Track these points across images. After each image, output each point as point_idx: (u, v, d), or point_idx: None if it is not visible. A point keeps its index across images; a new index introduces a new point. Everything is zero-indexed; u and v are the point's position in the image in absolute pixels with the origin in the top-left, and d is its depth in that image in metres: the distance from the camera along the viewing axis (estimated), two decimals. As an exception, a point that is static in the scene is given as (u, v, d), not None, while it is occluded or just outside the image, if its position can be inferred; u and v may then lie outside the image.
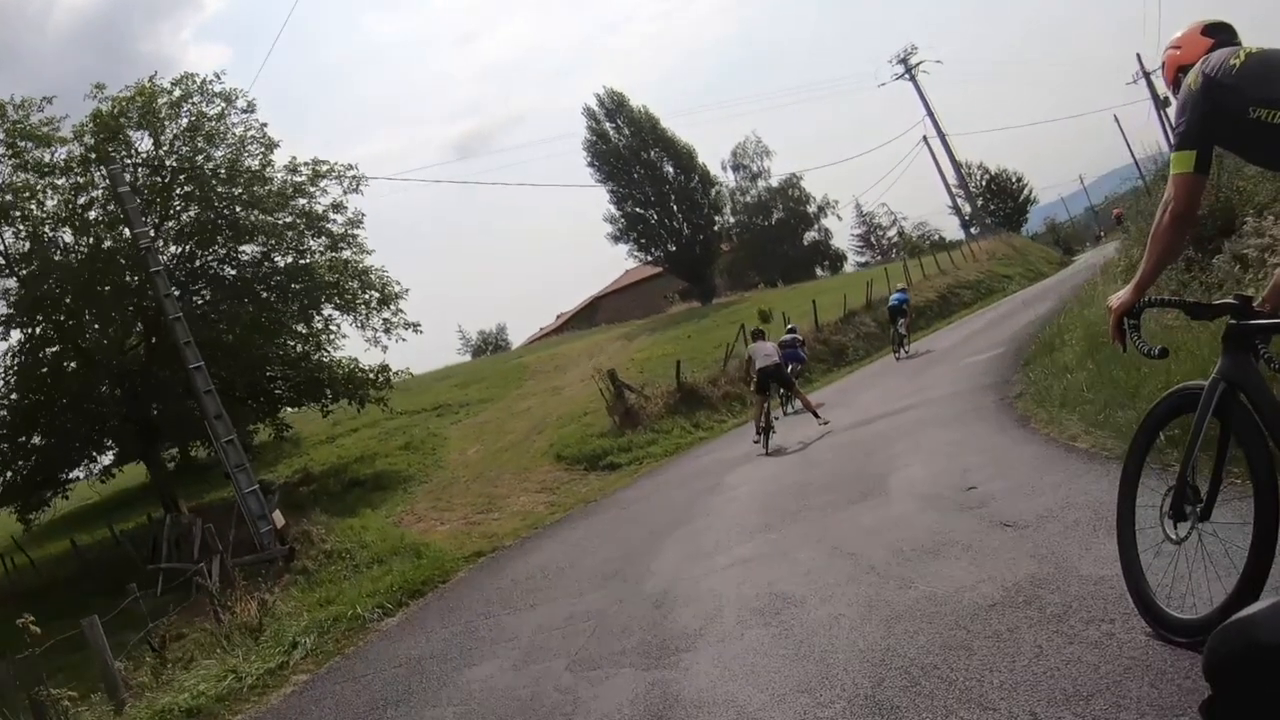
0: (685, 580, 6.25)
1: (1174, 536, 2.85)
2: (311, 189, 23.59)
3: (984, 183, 56.47)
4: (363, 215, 23.88)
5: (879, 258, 61.22)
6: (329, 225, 23.40)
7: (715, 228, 48.84)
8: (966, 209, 52.53)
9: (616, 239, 48.09)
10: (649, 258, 49.35)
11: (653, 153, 47.34)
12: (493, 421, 26.17)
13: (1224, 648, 1.51)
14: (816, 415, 13.54)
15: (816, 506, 7.46)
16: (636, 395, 19.79)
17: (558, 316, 69.29)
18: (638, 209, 47.45)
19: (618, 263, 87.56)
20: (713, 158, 58.34)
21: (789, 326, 21.91)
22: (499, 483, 18.13)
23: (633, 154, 47.19)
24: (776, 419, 14.10)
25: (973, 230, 47.24)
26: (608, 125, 47.71)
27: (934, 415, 10.78)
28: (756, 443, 13.11)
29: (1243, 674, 1.47)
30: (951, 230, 63.94)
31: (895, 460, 8.37)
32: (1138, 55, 46.44)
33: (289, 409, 26.11)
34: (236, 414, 21.73)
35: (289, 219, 23.61)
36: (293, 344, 23.70)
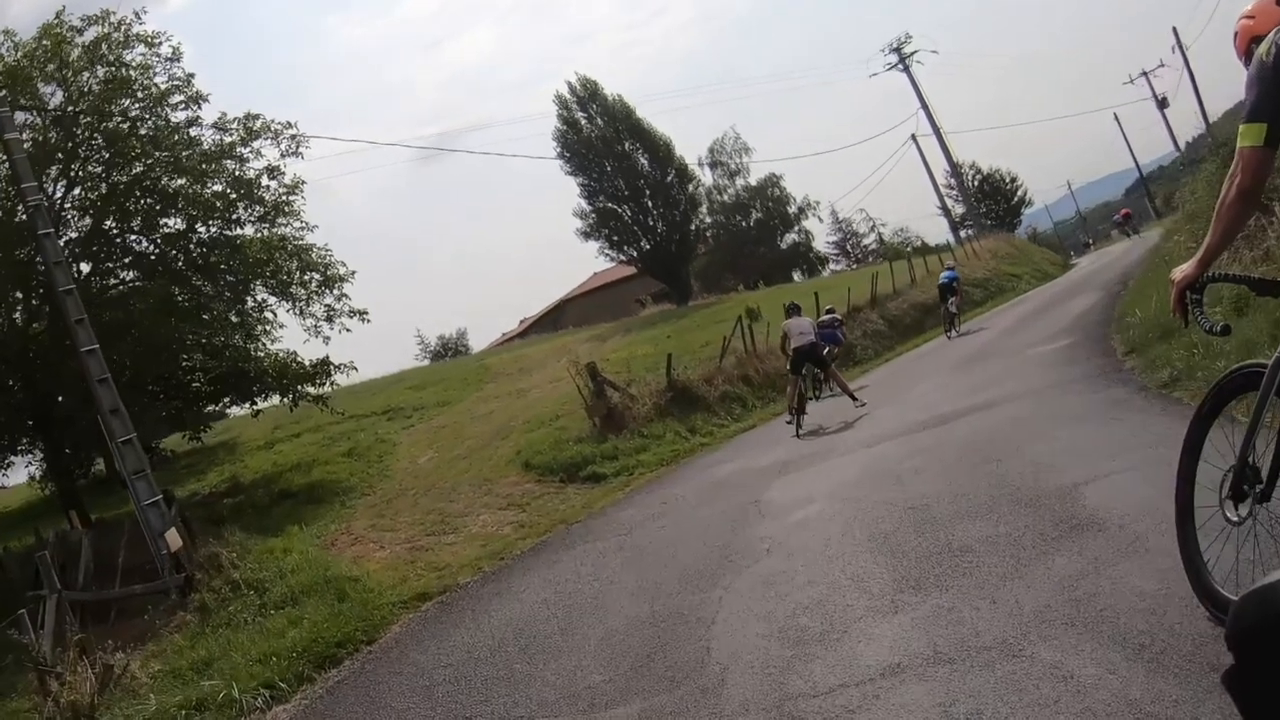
0: (805, 699, 3.21)
1: (1233, 517, 2.81)
2: (243, 150, 20.22)
3: (976, 182, 54.13)
4: (302, 182, 20.52)
5: (854, 266, 58.73)
6: (262, 192, 20.02)
7: (693, 226, 45.89)
8: (957, 210, 50.25)
9: (587, 235, 44.89)
10: (621, 256, 46.25)
11: (627, 144, 44.23)
12: (450, 426, 22.97)
13: (1248, 617, 1.40)
14: (854, 397, 13.03)
15: (970, 547, 4.54)
16: (621, 394, 16.73)
17: (521, 321, 66.15)
18: (610, 204, 44.31)
19: (585, 266, 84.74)
20: (688, 157, 55.82)
21: (827, 307, 20.43)
22: (455, 496, 14.95)
23: (605, 145, 44.07)
24: (811, 401, 13.72)
25: (964, 233, 44.79)
26: (579, 114, 44.58)
27: (1032, 413, 8.05)
28: (789, 423, 12.65)
29: (1267, 643, 1.36)
30: (935, 234, 61.59)
31: (1039, 469, 5.53)
32: (1174, 29, 43.82)
33: (211, 406, 22.67)
34: (145, 410, 18.39)
35: (219, 188, 20.26)
36: (218, 332, 20.29)
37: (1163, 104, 48.35)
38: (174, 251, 20.19)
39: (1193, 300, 2.74)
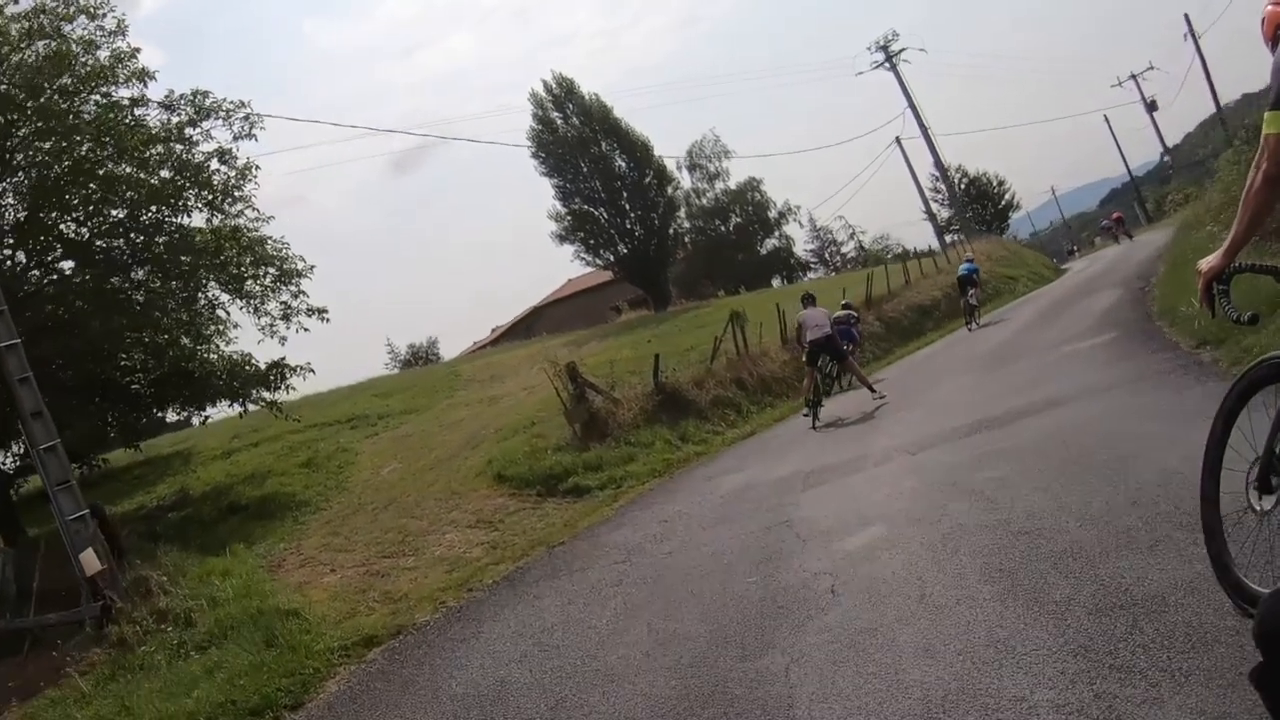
0: None
1: (1259, 508, 2.76)
2: (192, 132, 18.45)
3: (963, 186, 52.91)
4: (257, 167, 18.74)
5: (833, 274, 57.43)
6: (211, 176, 18.25)
7: (672, 229, 44.35)
8: (943, 214, 48.96)
9: (562, 239, 43.20)
10: (598, 261, 44.64)
11: (604, 145, 42.64)
12: (416, 435, 21.29)
13: (1276, 615, 1.42)
14: (872, 389, 12.73)
15: (1162, 597, 3.11)
16: (604, 398, 15.12)
17: (493, 330, 64.41)
18: (586, 206, 42.72)
19: (560, 273, 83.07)
20: (666, 161, 54.02)
21: (844, 303, 19.51)
22: (418, 512, 13.28)
23: (582, 145, 42.46)
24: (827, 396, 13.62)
25: (950, 237, 43.55)
26: (555, 114, 42.99)
27: (1114, 412, 6.63)
28: (805, 415, 12.57)
29: None
30: (916, 241, 60.50)
31: (1182, 481, 4.06)
32: (1185, 15, 42.59)
33: (156, 412, 20.85)
34: (75, 414, 16.64)
35: (167, 174, 18.48)
36: (162, 330, 18.45)
37: (1152, 107, 47.59)
38: (115, 241, 18.41)
39: (1219, 290, 2.73)
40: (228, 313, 19.04)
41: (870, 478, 7.26)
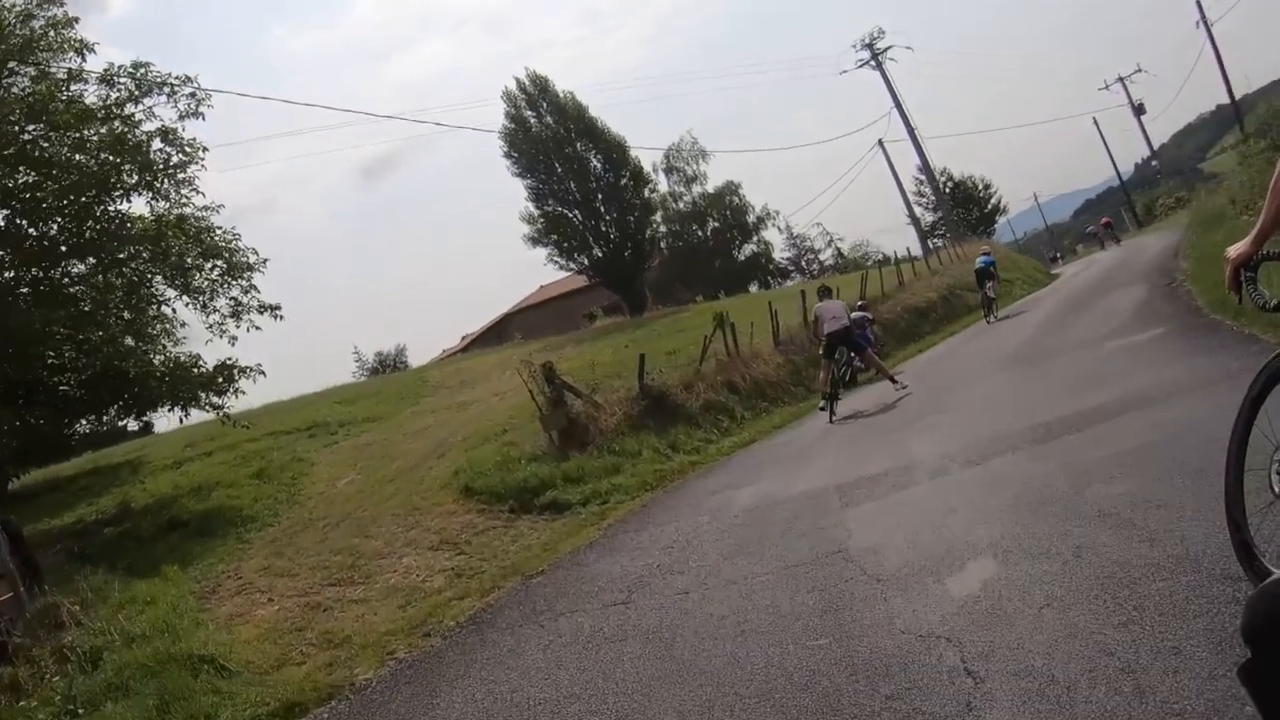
0: None
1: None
2: (134, 109, 16.74)
3: (948, 190, 51.81)
4: (205, 148, 17.07)
5: (811, 280, 56.19)
6: (151, 154, 16.56)
7: (648, 232, 42.88)
8: (927, 218, 47.77)
9: (535, 241, 41.54)
10: (572, 265, 43.09)
11: (579, 145, 41.06)
12: (378, 443, 19.63)
13: (1265, 610, 1.38)
14: (894, 380, 12.66)
15: None
16: (584, 402, 13.59)
17: (463, 338, 62.70)
18: (560, 208, 41.14)
19: (532, 279, 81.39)
20: (643, 164, 52.24)
21: (860, 303, 19.15)
22: (374, 530, 11.68)
23: (556, 145, 40.87)
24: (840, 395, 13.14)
25: (934, 242, 42.34)
26: (528, 112, 41.41)
27: (1205, 414, 5.20)
28: (822, 409, 12.35)
29: None
30: (895, 247, 59.55)
31: None
32: (1198, 2, 40.68)
33: (89, 417, 19.15)
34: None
35: (106, 156, 16.75)
36: (98, 325, 16.67)
37: (1139, 110, 46.84)
38: (47, 228, 16.66)
39: (1247, 277, 2.73)
40: (174, 309, 17.42)
41: (931, 493, 5.80)
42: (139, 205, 18.22)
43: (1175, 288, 14.28)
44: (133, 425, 27.17)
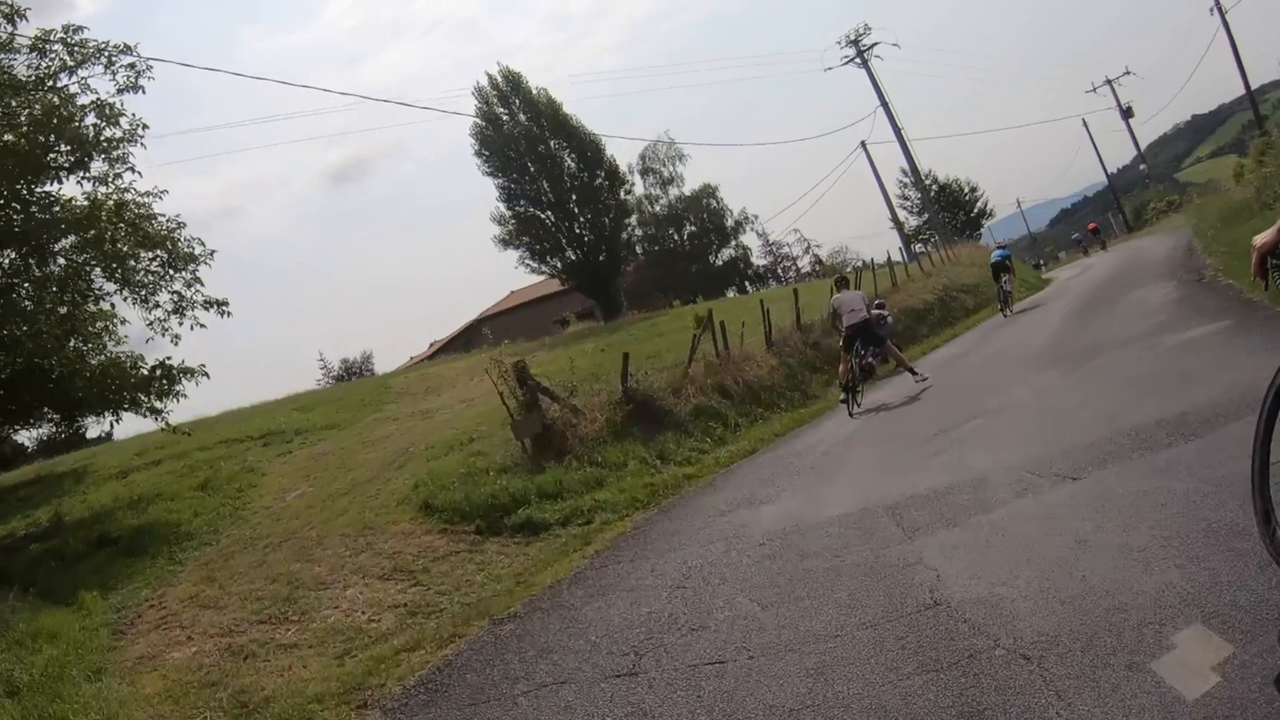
0: None
1: None
2: (68, 81, 15.10)
3: (933, 193, 50.68)
4: (145, 126, 15.48)
5: (797, 284, 54.88)
6: (81, 128, 14.95)
7: (624, 235, 41.40)
8: (911, 221, 46.66)
9: (506, 243, 39.92)
10: (544, 268, 41.48)
11: (552, 143, 39.51)
12: (335, 453, 18.02)
13: None
14: (914, 372, 12.69)
15: None
16: (562, 406, 12.09)
17: (431, 345, 61.06)
18: (532, 209, 39.58)
19: (503, 284, 79.62)
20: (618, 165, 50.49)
21: (877, 301, 18.07)
22: (319, 552, 10.12)
23: (528, 143, 39.30)
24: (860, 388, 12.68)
25: (918, 247, 41.19)
26: (500, 109, 39.86)
27: None
28: (843, 403, 12.05)
29: None
30: (875, 253, 58.49)
31: None
32: None
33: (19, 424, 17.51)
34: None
35: (37, 136, 15.10)
36: (23, 319, 14.99)
37: (1127, 113, 45.92)
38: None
39: (1273, 265, 2.71)
40: (112, 305, 15.78)
41: (1030, 516, 4.40)
42: (71, 188, 16.57)
43: (1208, 283, 13.15)
44: (101, 430, 25.44)
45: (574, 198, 39.82)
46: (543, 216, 39.90)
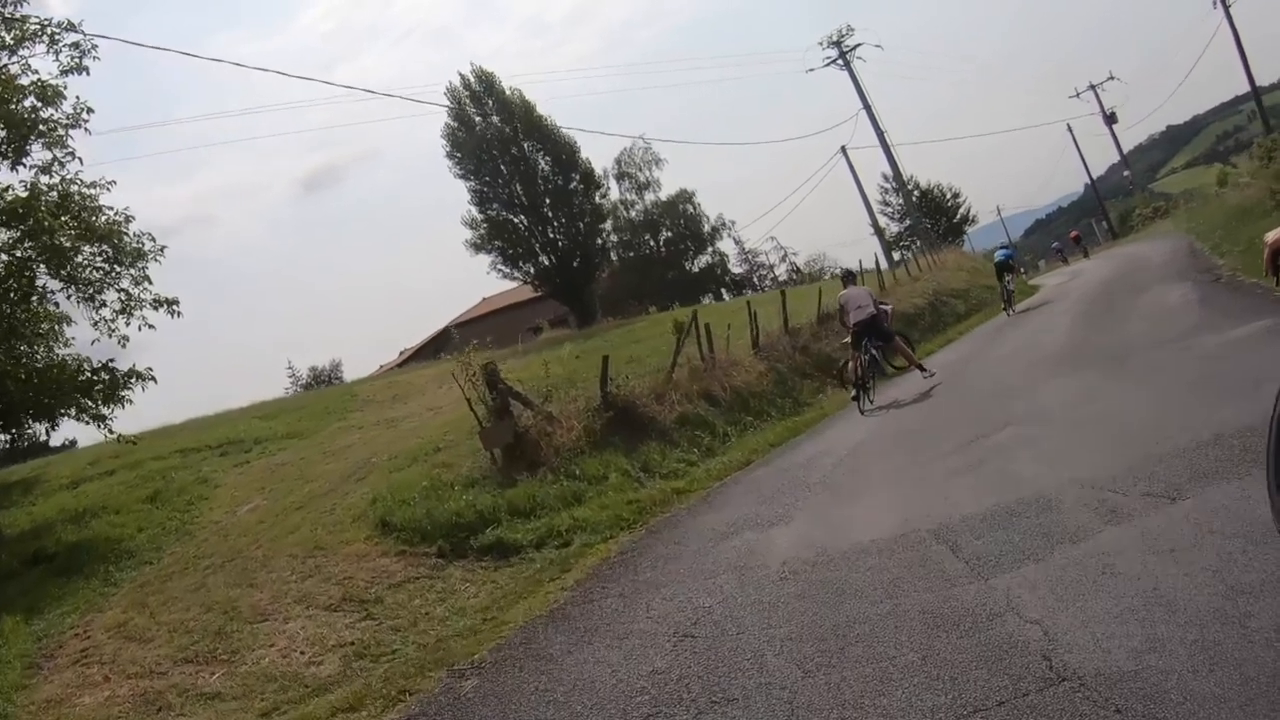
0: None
1: None
2: (8, 61, 13.99)
3: (915, 197, 49.98)
4: (90, 110, 14.38)
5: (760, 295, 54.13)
6: (21, 113, 13.86)
7: (599, 240, 40.38)
8: (892, 228, 46.00)
9: (477, 247, 38.77)
10: (516, 273, 40.35)
11: (526, 144, 38.38)
12: (294, 464, 16.88)
13: None
14: (922, 369, 12.58)
15: None
16: (535, 413, 11.05)
17: (400, 353, 59.74)
18: (505, 213, 38.47)
19: (476, 291, 78.36)
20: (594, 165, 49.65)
21: (883, 304, 17.06)
22: (263, 576, 9.04)
23: (501, 145, 38.17)
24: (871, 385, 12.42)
25: (898, 254, 40.45)
26: (473, 110, 38.74)
27: None
28: (854, 400, 11.83)
29: None
30: (852, 261, 57.85)
31: None
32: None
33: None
34: None
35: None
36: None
37: (1111, 119, 45.51)
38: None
39: None
40: (57, 304, 14.63)
41: (1132, 548, 3.46)
42: (8, 175, 15.34)
43: (1227, 282, 12.46)
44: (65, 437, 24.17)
45: (548, 201, 38.78)
46: (516, 220, 38.80)
